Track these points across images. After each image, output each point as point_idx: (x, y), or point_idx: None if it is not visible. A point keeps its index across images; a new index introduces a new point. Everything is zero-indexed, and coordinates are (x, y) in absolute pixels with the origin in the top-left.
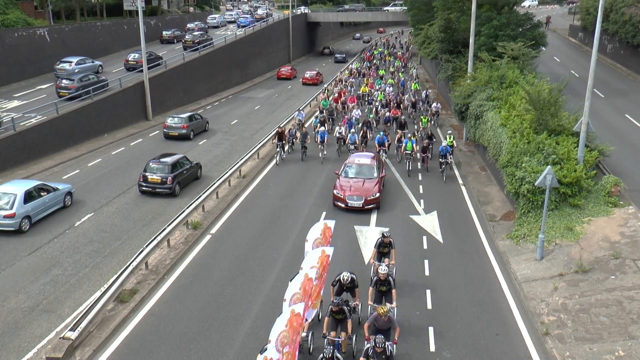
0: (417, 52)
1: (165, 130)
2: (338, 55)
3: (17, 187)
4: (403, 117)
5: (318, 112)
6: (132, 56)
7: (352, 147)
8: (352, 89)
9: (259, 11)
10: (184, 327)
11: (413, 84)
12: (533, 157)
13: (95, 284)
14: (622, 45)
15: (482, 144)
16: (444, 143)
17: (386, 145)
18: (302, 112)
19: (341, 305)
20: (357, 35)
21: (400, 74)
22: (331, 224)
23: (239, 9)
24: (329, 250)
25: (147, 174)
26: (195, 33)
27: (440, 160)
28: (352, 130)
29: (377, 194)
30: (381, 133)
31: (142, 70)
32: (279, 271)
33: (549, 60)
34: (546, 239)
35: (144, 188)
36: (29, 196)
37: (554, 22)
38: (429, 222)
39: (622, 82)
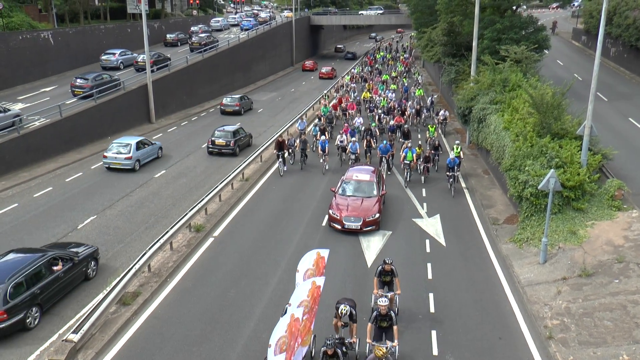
0: (420, 56)
1: (221, 107)
2: (349, 54)
3: (130, 139)
4: (407, 126)
5: (317, 120)
6: (142, 57)
7: (352, 156)
8: (355, 94)
9: (262, 14)
10: (187, 330)
11: (417, 90)
12: (536, 160)
13: (98, 287)
14: (626, 48)
15: (485, 148)
16: (452, 155)
17: (389, 154)
18: (304, 121)
19: (335, 347)
20: (373, 34)
21: (403, 79)
22: (325, 253)
23: (242, 12)
24: (320, 281)
25: (214, 138)
26: (202, 35)
27: (448, 173)
28: (354, 138)
29: (377, 215)
30: (385, 142)
31: (153, 71)
32: (281, 274)
33: (552, 63)
34: (549, 243)
35: (211, 149)
36: (138, 145)
37: (556, 26)
38: (432, 226)
39: (625, 86)
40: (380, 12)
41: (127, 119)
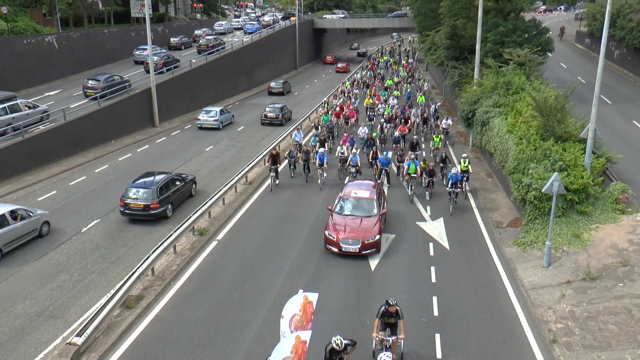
0: (423, 59)
1: (263, 118)
2: (360, 50)
3: (215, 108)
4: (415, 137)
5: (314, 129)
6: (154, 58)
7: (353, 169)
8: (357, 101)
9: (266, 18)
10: (190, 333)
11: (419, 97)
12: (540, 163)
13: (102, 290)
14: (630, 51)
15: (488, 151)
16: (456, 169)
17: (389, 168)
18: (300, 131)
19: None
20: (395, 34)
21: (406, 84)
22: (313, 297)
23: (246, 15)
24: (306, 335)
25: (266, 113)
26: (209, 37)
27: (449, 189)
28: (355, 150)
29: (377, 236)
30: (385, 153)
31: (162, 72)
32: (285, 277)
33: (555, 66)
34: (553, 246)
35: (264, 121)
36: (222, 112)
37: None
38: (435, 229)
39: (629, 89)
40: (342, 16)
41: (131, 122)
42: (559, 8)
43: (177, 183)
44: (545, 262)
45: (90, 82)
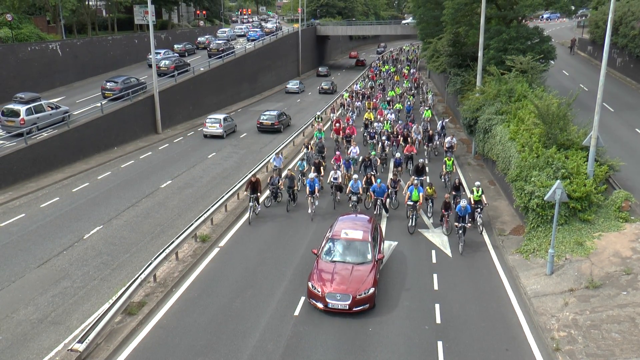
0: (425, 66)
1: (258, 125)
2: (381, 48)
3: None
4: (422, 160)
5: (304, 149)
6: (163, 63)
7: (354, 198)
8: (355, 114)
9: (269, 24)
10: (192, 340)
11: (425, 111)
12: (542, 171)
13: (104, 296)
14: (632, 58)
15: (490, 158)
16: (465, 201)
17: (384, 197)
18: (280, 157)
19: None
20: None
21: (409, 96)
22: None
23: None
24: None
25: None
26: (219, 42)
27: (457, 224)
28: (355, 176)
29: (372, 290)
30: (379, 181)
31: (173, 75)
32: (287, 284)
33: (557, 73)
34: (556, 254)
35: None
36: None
37: (562, 36)
38: (438, 237)
39: (631, 96)
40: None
41: (133, 129)
42: (554, 16)
43: None
44: (548, 270)
45: (108, 84)
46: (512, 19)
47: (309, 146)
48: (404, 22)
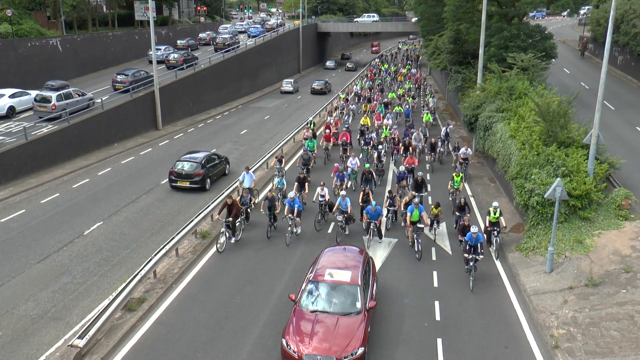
0: (426, 63)
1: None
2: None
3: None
4: (421, 173)
5: (277, 164)
6: (172, 56)
7: (340, 218)
8: (350, 118)
9: (271, 21)
10: (192, 336)
11: (425, 115)
12: (542, 169)
13: (104, 292)
14: (633, 57)
15: (491, 156)
16: (476, 228)
17: (379, 220)
18: (250, 172)
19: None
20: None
21: (409, 98)
22: None
23: (249, 18)
24: None
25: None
26: (226, 36)
27: (467, 255)
28: (342, 191)
29: (360, 349)
30: (374, 203)
31: (182, 68)
32: (287, 280)
33: (558, 71)
34: (556, 252)
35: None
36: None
37: (563, 34)
38: (438, 234)
39: (632, 94)
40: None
41: (133, 125)
42: (540, 14)
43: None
44: (548, 267)
45: (119, 76)
46: (514, 17)
47: (281, 160)
48: (414, 19)
